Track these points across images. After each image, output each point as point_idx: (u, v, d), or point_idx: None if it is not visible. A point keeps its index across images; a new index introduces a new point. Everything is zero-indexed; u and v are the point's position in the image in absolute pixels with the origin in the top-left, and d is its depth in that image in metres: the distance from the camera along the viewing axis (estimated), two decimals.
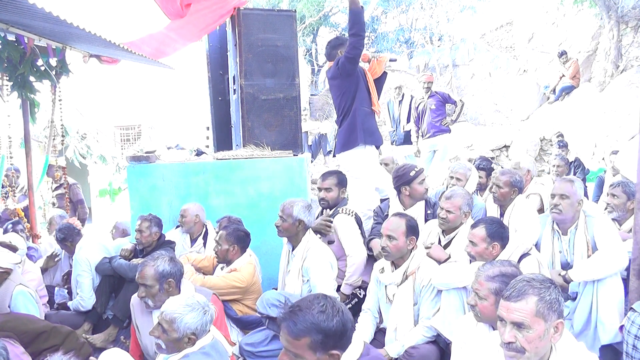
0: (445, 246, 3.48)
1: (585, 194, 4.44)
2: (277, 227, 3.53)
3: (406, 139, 7.98)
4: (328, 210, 4.06)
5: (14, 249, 3.89)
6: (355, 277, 3.79)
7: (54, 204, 6.77)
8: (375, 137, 4.50)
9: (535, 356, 1.85)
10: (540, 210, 4.56)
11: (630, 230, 3.49)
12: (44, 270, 4.49)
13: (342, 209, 3.96)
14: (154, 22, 4.32)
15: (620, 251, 2.98)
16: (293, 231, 3.48)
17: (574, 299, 3.06)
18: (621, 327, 2.70)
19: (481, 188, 4.91)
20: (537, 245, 3.37)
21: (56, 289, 4.41)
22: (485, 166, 4.96)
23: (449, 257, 3.24)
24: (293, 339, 1.82)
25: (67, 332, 3.11)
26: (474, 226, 3.02)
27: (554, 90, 11.34)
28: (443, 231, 3.56)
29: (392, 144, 8.33)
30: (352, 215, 3.95)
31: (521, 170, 4.69)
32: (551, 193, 3.33)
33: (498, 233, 2.96)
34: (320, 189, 4.09)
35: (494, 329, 2.30)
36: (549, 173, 6.84)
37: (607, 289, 2.89)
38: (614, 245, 3.02)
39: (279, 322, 1.89)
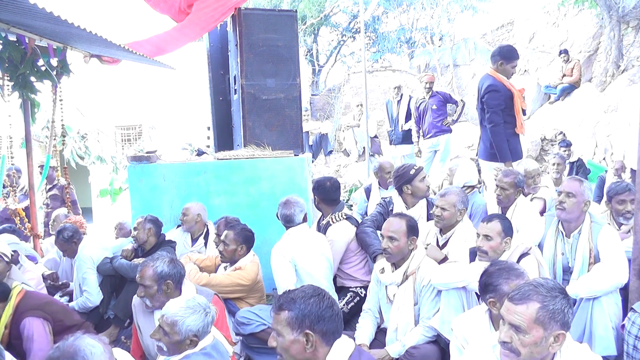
0: (443, 245, 3.49)
1: None
2: None
3: (404, 139, 7.99)
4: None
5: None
6: None
7: (47, 205, 6.78)
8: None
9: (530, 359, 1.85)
10: (541, 213, 4.54)
11: (629, 231, 3.47)
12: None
13: (332, 217, 3.98)
14: (160, 24, 4.34)
15: (620, 267, 2.92)
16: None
17: (573, 304, 3.04)
18: (622, 327, 2.70)
19: None
20: (540, 245, 3.36)
21: (56, 296, 4.39)
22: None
23: (446, 257, 3.25)
24: (275, 314, 1.94)
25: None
26: (487, 221, 3.04)
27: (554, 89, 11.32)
28: (440, 230, 3.56)
29: (390, 143, 8.35)
30: (343, 219, 3.97)
31: (533, 180, 4.67)
32: (558, 190, 3.30)
33: (510, 229, 3.02)
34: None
35: (496, 329, 2.30)
36: (548, 173, 6.83)
37: (603, 304, 2.84)
38: (614, 262, 2.96)
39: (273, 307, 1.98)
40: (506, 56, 4.62)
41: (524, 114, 4.93)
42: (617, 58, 10.43)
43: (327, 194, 4.03)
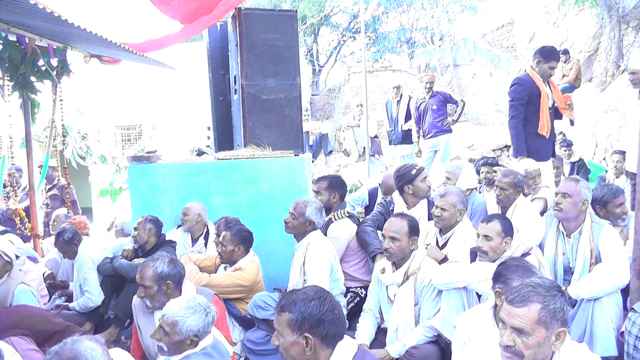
0: (443, 246, 3.49)
1: None
2: (285, 222, 3.55)
3: (404, 139, 8.00)
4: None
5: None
6: None
7: (47, 205, 6.78)
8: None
9: None
10: (542, 213, 4.54)
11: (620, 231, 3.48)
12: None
13: (335, 214, 3.98)
14: (162, 24, 4.34)
15: (622, 268, 2.91)
16: (301, 230, 3.51)
17: (574, 304, 3.04)
18: (621, 334, 2.69)
19: (488, 183, 4.96)
20: (541, 246, 3.36)
21: (53, 296, 4.39)
22: (490, 162, 5.03)
23: (446, 257, 3.25)
24: (277, 314, 1.95)
25: (80, 333, 3.13)
26: (487, 221, 3.04)
27: None
28: (440, 231, 3.56)
29: (390, 143, 8.35)
30: (345, 216, 3.98)
31: (534, 180, 4.68)
32: (555, 192, 3.32)
33: (510, 229, 3.02)
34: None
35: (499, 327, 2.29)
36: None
37: (604, 304, 2.84)
38: (616, 262, 2.95)
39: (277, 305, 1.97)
40: (545, 55, 4.63)
41: (572, 124, 4.90)
42: (617, 58, 10.42)
43: (344, 189, 4.16)
